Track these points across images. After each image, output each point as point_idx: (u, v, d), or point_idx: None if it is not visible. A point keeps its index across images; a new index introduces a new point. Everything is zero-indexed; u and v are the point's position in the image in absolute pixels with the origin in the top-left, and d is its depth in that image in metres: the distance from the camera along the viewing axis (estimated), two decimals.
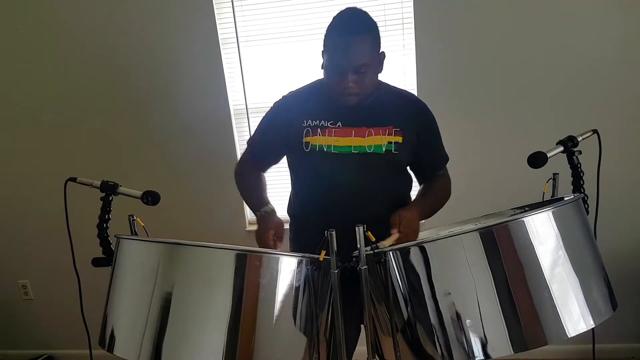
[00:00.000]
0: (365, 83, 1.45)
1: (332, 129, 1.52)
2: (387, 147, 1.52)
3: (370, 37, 1.44)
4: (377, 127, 1.52)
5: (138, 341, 1.11)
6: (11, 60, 2.58)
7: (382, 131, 1.52)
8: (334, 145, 1.52)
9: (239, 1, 2.38)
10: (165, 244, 1.17)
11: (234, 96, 2.50)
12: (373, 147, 1.52)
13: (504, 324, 1.06)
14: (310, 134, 1.53)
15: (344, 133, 1.52)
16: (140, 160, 2.61)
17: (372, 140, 1.52)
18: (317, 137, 1.53)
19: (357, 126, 1.52)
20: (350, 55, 1.40)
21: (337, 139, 1.52)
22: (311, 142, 1.53)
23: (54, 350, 2.99)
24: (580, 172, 1.37)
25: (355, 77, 1.42)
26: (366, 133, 1.52)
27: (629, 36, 2.17)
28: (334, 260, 1.15)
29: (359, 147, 1.52)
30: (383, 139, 1.52)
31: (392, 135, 1.52)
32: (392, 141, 1.52)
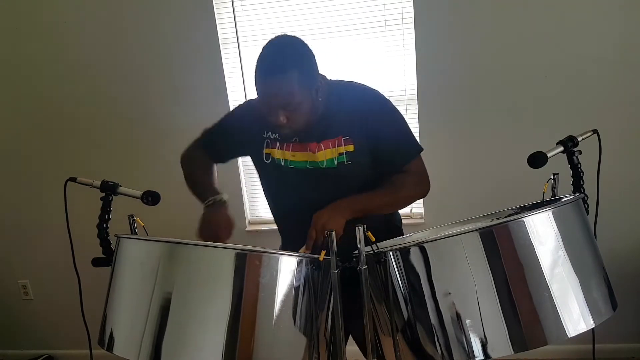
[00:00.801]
0: (297, 118, 1.37)
1: (290, 144, 1.49)
2: (338, 159, 1.45)
3: (296, 73, 1.32)
4: (327, 139, 1.45)
5: (138, 341, 1.11)
6: (11, 60, 2.58)
7: (331, 143, 1.45)
8: (290, 160, 1.49)
9: (239, 1, 2.38)
10: (165, 244, 1.17)
11: (234, 96, 2.50)
12: (325, 162, 1.46)
13: (504, 324, 1.06)
14: (270, 145, 1.52)
15: (300, 148, 1.48)
16: (140, 160, 2.61)
17: (324, 155, 1.46)
18: (276, 150, 1.50)
19: (310, 141, 1.47)
20: (274, 95, 1.33)
21: (294, 153, 1.49)
22: (271, 154, 1.52)
23: (54, 350, 2.99)
24: (580, 172, 1.36)
25: (285, 113, 1.35)
26: (317, 148, 1.46)
27: (629, 36, 2.17)
28: (334, 260, 1.14)
29: (313, 163, 1.48)
30: (334, 151, 1.45)
31: (342, 146, 1.45)
32: (344, 152, 1.45)
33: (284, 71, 1.31)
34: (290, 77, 1.32)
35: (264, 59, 1.36)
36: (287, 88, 1.32)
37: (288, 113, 1.35)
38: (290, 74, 1.32)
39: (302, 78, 1.34)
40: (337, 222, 1.35)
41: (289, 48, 1.37)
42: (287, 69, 1.32)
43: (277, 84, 1.32)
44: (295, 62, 1.34)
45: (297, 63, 1.34)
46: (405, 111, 2.38)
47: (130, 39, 2.46)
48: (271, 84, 1.33)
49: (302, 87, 1.34)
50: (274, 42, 1.38)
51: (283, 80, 1.32)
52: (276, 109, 1.35)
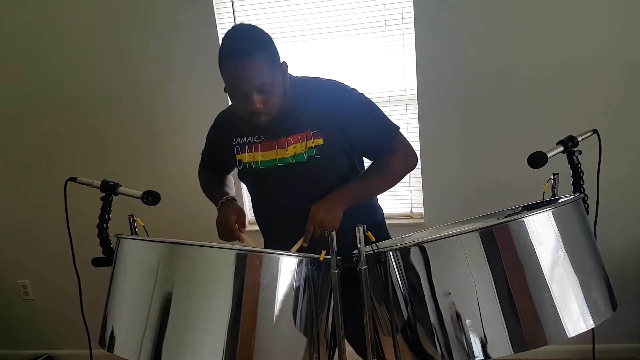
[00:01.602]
0: (272, 102, 1.38)
1: (258, 144, 1.50)
2: (308, 153, 1.45)
3: (263, 55, 1.34)
4: (295, 134, 1.46)
5: (138, 341, 1.11)
6: (11, 60, 2.58)
7: (300, 137, 1.45)
8: (260, 160, 1.50)
9: (239, 1, 2.38)
10: (165, 244, 1.17)
11: None
12: (295, 156, 1.46)
13: (504, 324, 1.06)
14: (239, 151, 1.54)
15: (267, 147, 1.49)
16: (140, 160, 2.61)
17: (293, 149, 1.46)
18: (246, 154, 1.52)
19: (277, 138, 1.47)
20: (247, 79, 1.33)
21: (263, 153, 1.49)
22: (242, 160, 1.53)
23: (54, 350, 2.99)
24: (580, 172, 1.36)
25: (260, 97, 1.35)
26: (286, 143, 1.46)
27: (629, 36, 2.17)
28: (334, 260, 1.15)
29: (283, 160, 1.48)
30: (303, 145, 1.45)
31: (311, 139, 1.45)
32: (313, 145, 1.45)
33: (251, 53, 1.32)
34: (258, 57, 1.33)
35: (228, 48, 1.36)
36: (257, 68, 1.33)
37: (263, 96, 1.35)
38: (257, 55, 1.33)
39: (269, 58, 1.36)
40: (334, 214, 1.38)
41: (249, 32, 1.38)
42: (253, 51, 1.33)
43: (248, 67, 1.32)
44: (260, 44, 1.36)
45: (262, 45, 1.36)
46: (406, 111, 2.38)
47: (130, 39, 2.46)
48: (241, 68, 1.33)
49: (270, 67, 1.36)
50: (232, 32, 1.39)
51: (252, 62, 1.32)
52: (250, 94, 1.35)
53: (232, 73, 1.35)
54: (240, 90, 1.36)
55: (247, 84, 1.34)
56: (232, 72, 1.35)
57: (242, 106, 1.39)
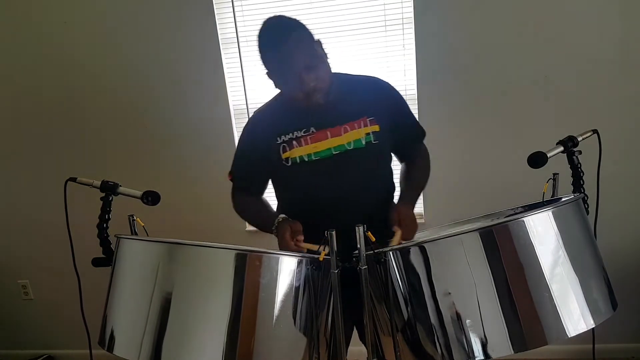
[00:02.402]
0: (322, 76, 1.41)
1: (307, 137, 1.49)
2: (366, 139, 1.49)
3: (300, 33, 1.41)
4: (351, 121, 1.49)
5: (138, 341, 1.11)
6: (11, 60, 2.58)
7: (357, 124, 1.49)
8: (313, 152, 1.49)
9: (239, 1, 2.38)
10: (165, 244, 1.17)
11: (234, 96, 2.50)
12: (352, 142, 1.49)
13: (504, 324, 1.06)
14: (287, 149, 1.50)
15: (320, 137, 1.49)
16: (140, 160, 2.61)
17: (350, 136, 1.49)
18: (295, 150, 1.49)
19: (331, 126, 1.49)
20: (293, 58, 1.37)
21: (315, 145, 1.49)
22: (290, 156, 1.50)
23: (54, 350, 3.00)
24: (580, 172, 1.37)
25: (311, 75, 1.38)
26: (342, 131, 1.49)
27: (629, 36, 2.17)
28: (334, 260, 1.14)
29: (339, 147, 1.49)
30: (360, 132, 1.49)
31: (368, 126, 1.49)
32: (370, 132, 1.49)
33: (291, 33, 1.39)
34: (299, 35, 1.40)
35: (267, 39, 1.42)
36: (300, 46, 1.38)
37: (313, 73, 1.39)
38: (297, 33, 1.40)
39: (306, 36, 1.42)
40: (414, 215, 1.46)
41: (283, 19, 1.46)
42: (293, 30, 1.40)
43: (292, 46, 1.37)
44: (293, 27, 1.42)
45: (295, 27, 1.42)
46: None
47: (130, 39, 2.46)
48: (287, 49, 1.38)
49: (309, 45, 1.41)
50: (267, 22, 1.45)
51: (295, 40, 1.38)
52: (300, 73, 1.38)
53: (277, 61, 1.40)
54: (290, 72, 1.39)
55: (294, 65, 1.37)
56: (277, 60, 1.40)
57: (298, 90, 1.41)
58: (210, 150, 2.54)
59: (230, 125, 2.50)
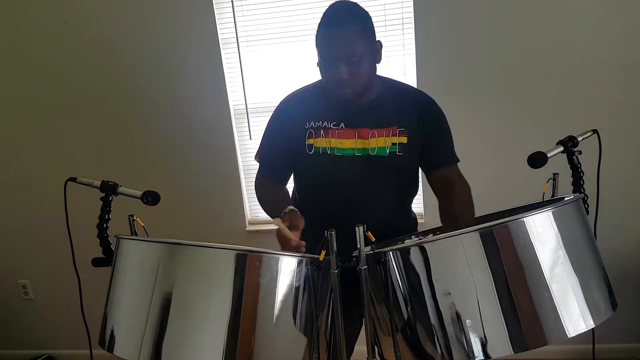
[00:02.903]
0: (359, 74, 1.39)
1: (335, 131, 1.48)
2: (390, 149, 1.48)
3: (358, 26, 1.39)
4: (380, 128, 1.48)
5: (138, 341, 1.11)
6: (11, 60, 2.58)
7: (385, 132, 1.48)
8: (337, 147, 1.48)
9: (239, 1, 2.38)
10: (165, 244, 1.16)
11: (234, 96, 2.50)
12: (377, 149, 1.48)
13: (504, 324, 1.06)
14: (313, 135, 1.49)
15: (347, 135, 1.48)
16: (140, 160, 2.61)
17: (376, 142, 1.48)
18: (320, 139, 1.48)
19: (361, 127, 1.48)
20: (339, 45, 1.37)
21: (341, 140, 1.48)
22: (314, 144, 1.49)
23: (54, 350, 3.00)
24: (580, 172, 1.36)
25: (347, 68, 1.37)
26: (369, 134, 1.48)
27: (629, 36, 2.17)
28: (334, 260, 1.14)
29: (362, 150, 1.48)
30: (387, 140, 1.48)
31: (396, 137, 1.48)
32: (397, 142, 1.48)
33: (345, 23, 1.37)
34: (351, 28, 1.37)
35: (325, 18, 1.42)
36: (349, 38, 1.37)
37: (350, 67, 1.37)
38: (351, 26, 1.37)
39: (363, 32, 1.40)
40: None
41: (350, 6, 1.44)
42: (348, 22, 1.38)
43: (340, 34, 1.37)
44: (356, 17, 1.40)
45: (358, 18, 1.41)
46: None
47: (130, 39, 2.46)
48: (334, 35, 1.38)
49: (362, 40, 1.39)
50: (333, 6, 1.44)
51: (345, 31, 1.37)
52: (337, 63, 1.37)
53: (324, 40, 1.40)
54: (328, 57, 1.39)
55: (338, 51, 1.37)
56: (324, 40, 1.40)
57: (329, 76, 1.41)
58: (210, 150, 2.54)
59: (230, 125, 2.50)
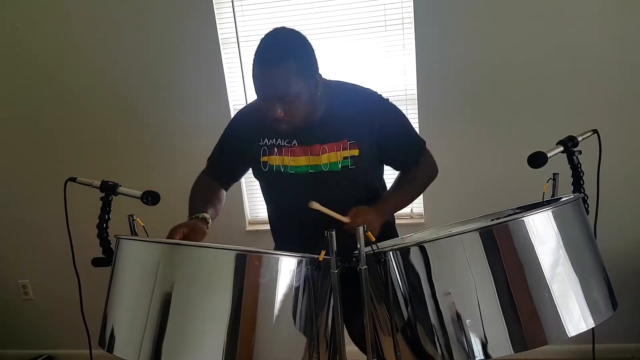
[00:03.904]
0: (295, 112, 1.35)
1: (288, 149, 1.48)
2: (342, 163, 1.45)
3: (293, 65, 1.31)
4: (330, 142, 1.45)
5: (138, 341, 1.11)
6: (11, 60, 2.58)
7: (336, 147, 1.45)
8: (290, 165, 1.48)
9: (239, 1, 2.38)
10: (165, 244, 1.17)
11: (234, 96, 2.50)
12: (329, 164, 1.46)
13: (504, 324, 1.06)
14: (267, 153, 1.50)
15: (299, 152, 1.47)
16: (141, 160, 2.61)
17: (327, 157, 1.45)
18: (274, 157, 1.49)
19: (311, 144, 1.46)
20: (272, 86, 1.32)
21: (294, 158, 1.47)
22: (269, 162, 1.50)
23: (54, 350, 2.99)
24: (580, 172, 1.37)
25: (283, 106, 1.33)
26: (320, 151, 1.45)
27: (629, 36, 2.17)
28: (334, 260, 1.14)
29: (314, 167, 1.47)
30: (338, 155, 1.45)
31: (347, 150, 1.44)
32: (348, 156, 1.45)
33: (280, 61, 1.30)
34: (286, 67, 1.30)
35: (260, 50, 1.35)
36: (283, 78, 1.30)
37: (285, 106, 1.34)
38: (286, 64, 1.30)
39: (299, 69, 1.32)
40: (376, 224, 1.41)
41: (286, 39, 1.36)
42: (283, 59, 1.30)
43: (273, 74, 1.31)
44: (292, 53, 1.32)
45: (294, 54, 1.33)
46: (406, 111, 2.36)
47: (130, 39, 2.46)
48: (267, 74, 1.32)
49: (299, 78, 1.32)
50: (271, 34, 1.37)
51: (279, 70, 1.30)
52: (273, 101, 1.33)
53: (258, 78, 1.34)
54: (261, 95, 1.36)
55: (270, 92, 1.33)
56: (258, 77, 1.34)
57: (265, 111, 1.37)
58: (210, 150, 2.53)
59: None
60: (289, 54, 1.32)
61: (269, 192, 1.63)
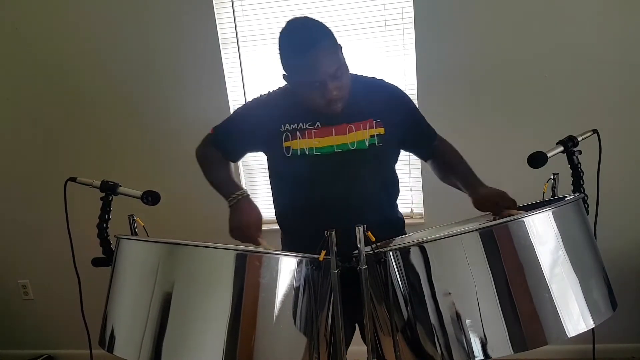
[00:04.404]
0: (345, 85, 1.41)
1: (311, 131, 1.49)
2: (370, 141, 1.49)
3: (329, 40, 1.38)
4: (357, 121, 1.49)
5: (138, 341, 1.11)
6: (12, 60, 2.58)
7: (362, 125, 1.49)
8: (315, 147, 1.48)
9: (239, 1, 2.38)
10: (165, 244, 1.17)
11: (234, 96, 2.50)
12: (356, 143, 1.48)
13: (504, 324, 1.06)
14: (290, 138, 1.50)
15: (324, 133, 1.49)
16: (140, 160, 2.61)
17: (354, 136, 1.49)
18: (297, 141, 1.49)
19: (337, 124, 1.48)
20: (322, 67, 1.35)
21: (318, 140, 1.48)
22: (292, 147, 1.50)
23: (54, 350, 3.00)
24: (580, 172, 1.36)
25: (335, 83, 1.37)
26: (347, 130, 1.49)
27: (629, 36, 2.17)
28: (334, 260, 1.14)
29: (341, 146, 1.49)
30: (365, 133, 1.49)
31: (373, 128, 1.49)
32: (375, 134, 1.49)
33: (318, 41, 1.35)
34: (325, 45, 1.36)
35: (295, 40, 1.39)
36: (328, 55, 1.36)
37: (338, 82, 1.38)
38: (325, 43, 1.36)
39: (334, 45, 1.40)
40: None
41: (311, 23, 1.42)
42: (320, 39, 1.36)
43: (318, 55, 1.34)
44: (323, 32, 1.39)
45: (325, 32, 1.39)
46: None
47: (130, 39, 2.46)
48: (314, 57, 1.34)
49: (336, 53, 1.39)
50: (293, 24, 1.42)
51: (323, 49, 1.35)
52: (325, 82, 1.36)
53: (305, 67, 1.36)
54: (316, 80, 1.37)
55: (323, 73, 1.35)
56: (305, 66, 1.36)
57: (319, 96, 1.39)
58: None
59: None
60: (322, 34, 1.38)
61: (290, 181, 1.57)
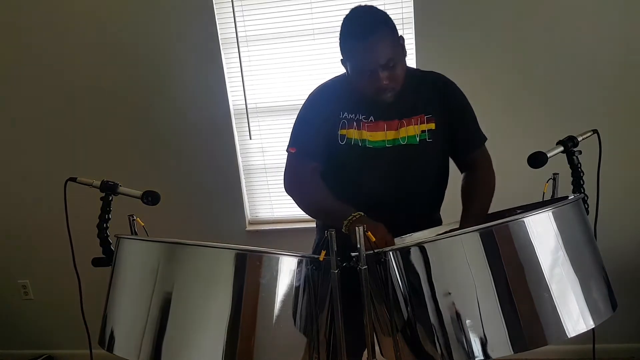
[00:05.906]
0: (397, 76, 1.41)
1: (365, 124, 1.50)
2: (420, 136, 1.50)
3: (387, 30, 1.39)
4: (408, 117, 1.50)
5: (138, 341, 1.11)
6: (12, 60, 2.58)
7: (414, 121, 1.50)
8: (368, 140, 1.50)
9: (239, 1, 2.38)
10: (165, 244, 1.17)
11: (234, 96, 2.50)
12: (407, 138, 1.50)
13: (504, 324, 1.06)
14: (346, 126, 1.50)
15: (376, 127, 1.50)
16: (140, 160, 2.61)
17: (405, 131, 1.50)
18: (353, 131, 1.50)
19: (389, 119, 1.50)
20: (375, 55, 1.36)
21: (371, 133, 1.50)
22: (347, 135, 1.51)
23: (54, 350, 2.99)
24: (580, 172, 1.36)
25: (386, 73, 1.38)
26: (398, 125, 1.50)
27: (629, 36, 2.17)
28: (334, 260, 1.14)
29: (392, 141, 1.50)
30: (416, 128, 1.50)
31: (424, 124, 1.50)
32: (426, 129, 1.50)
33: (376, 31, 1.36)
34: (383, 34, 1.37)
35: (352, 28, 1.40)
36: (382, 45, 1.36)
37: (388, 72, 1.38)
38: (381, 32, 1.37)
39: (393, 35, 1.40)
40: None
41: (373, 11, 1.43)
42: (378, 28, 1.37)
43: (374, 42, 1.35)
44: (383, 21, 1.40)
45: (384, 21, 1.40)
46: None
47: (130, 39, 2.46)
48: (372, 42, 1.35)
49: (394, 43, 1.40)
50: (355, 11, 1.43)
51: (377, 39, 1.36)
52: (376, 72, 1.37)
53: (359, 52, 1.38)
54: (367, 68, 1.38)
55: (374, 62, 1.36)
56: (358, 51, 1.38)
57: (369, 85, 1.40)
58: (210, 150, 2.54)
59: (230, 126, 2.50)
60: (380, 22, 1.39)
61: (341, 169, 1.54)
